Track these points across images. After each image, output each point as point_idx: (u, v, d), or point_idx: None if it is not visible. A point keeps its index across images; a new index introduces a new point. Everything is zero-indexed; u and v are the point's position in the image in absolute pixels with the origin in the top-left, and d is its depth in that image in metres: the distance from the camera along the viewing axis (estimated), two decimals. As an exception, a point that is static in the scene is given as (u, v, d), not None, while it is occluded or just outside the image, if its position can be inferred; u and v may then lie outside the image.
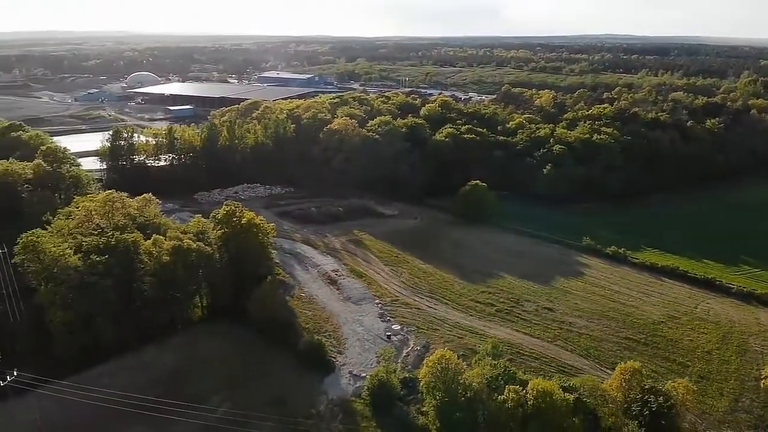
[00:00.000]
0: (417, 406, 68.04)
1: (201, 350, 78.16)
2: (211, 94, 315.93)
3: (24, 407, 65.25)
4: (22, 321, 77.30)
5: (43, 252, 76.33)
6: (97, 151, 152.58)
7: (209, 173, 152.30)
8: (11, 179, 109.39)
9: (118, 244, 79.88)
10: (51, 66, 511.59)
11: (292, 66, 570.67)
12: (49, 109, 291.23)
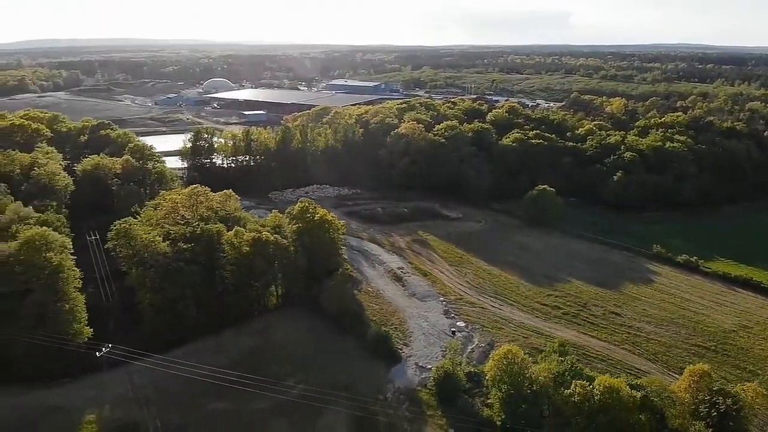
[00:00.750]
0: (481, 398, 69.93)
1: (276, 335, 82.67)
2: (282, 100, 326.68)
3: (115, 380, 71.65)
4: (113, 302, 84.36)
5: (135, 238, 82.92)
6: (177, 151, 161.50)
7: (282, 174, 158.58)
8: (102, 173, 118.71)
9: (202, 234, 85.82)
10: (131, 71, 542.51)
11: (359, 74, 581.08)
12: (131, 111, 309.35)
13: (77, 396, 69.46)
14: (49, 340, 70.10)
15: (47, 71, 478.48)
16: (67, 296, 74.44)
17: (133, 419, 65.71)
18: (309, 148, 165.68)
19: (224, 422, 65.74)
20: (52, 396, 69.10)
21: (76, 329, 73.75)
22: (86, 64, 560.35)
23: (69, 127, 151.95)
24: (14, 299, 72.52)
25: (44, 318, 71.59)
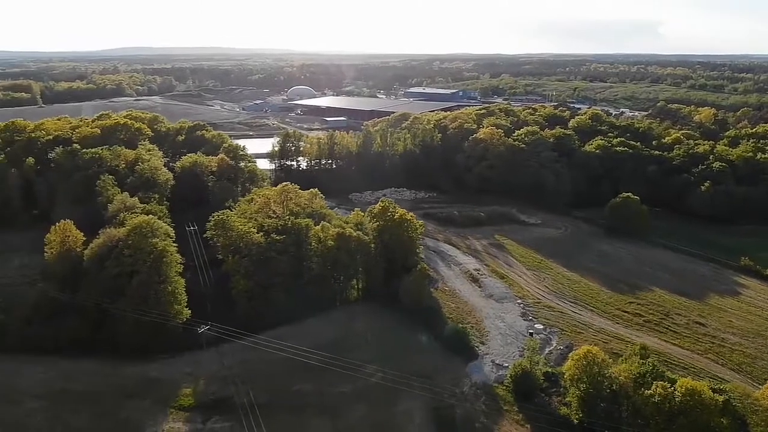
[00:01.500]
0: (558, 398, 70.36)
1: (357, 326, 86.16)
2: (361, 107, 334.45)
3: (208, 358, 77.31)
4: (210, 287, 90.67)
5: (231, 229, 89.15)
6: (264, 154, 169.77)
7: (362, 176, 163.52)
8: (199, 170, 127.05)
9: (292, 227, 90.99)
10: (220, 78, 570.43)
11: (437, 82, 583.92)
12: (220, 116, 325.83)
13: (174, 371, 75.56)
14: (152, 318, 76.80)
15: (142, 77, 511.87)
16: (170, 279, 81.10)
17: (225, 394, 70.80)
18: (388, 152, 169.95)
19: (308, 402, 69.56)
20: (152, 369, 75.54)
21: (176, 309, 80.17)
22: (178, 71, 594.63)
23: (167, 127, 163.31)
24: (122, 279, 79.92)
25: (148, 298, 78.27)
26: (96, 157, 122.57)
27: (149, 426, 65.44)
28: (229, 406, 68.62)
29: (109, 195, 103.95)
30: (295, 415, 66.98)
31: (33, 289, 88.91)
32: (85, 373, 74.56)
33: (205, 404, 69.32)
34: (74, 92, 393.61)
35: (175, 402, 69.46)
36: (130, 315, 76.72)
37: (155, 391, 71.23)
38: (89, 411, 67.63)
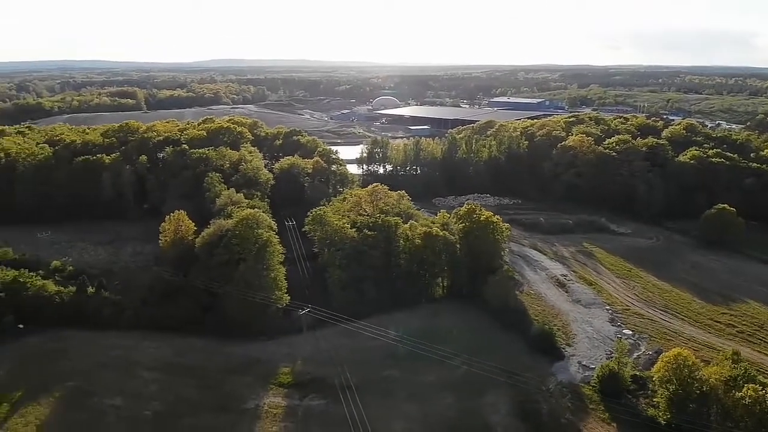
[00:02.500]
0: (646, 399, 70.18)
1: (443, 321, 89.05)
2: (445, 116, 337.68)
3: (304, 342, 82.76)
4: (307, 277, 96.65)
5: (328, 224, 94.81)
6: (351, 160, 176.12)
7: (446, 181, 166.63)
8: (296, 171, 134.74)
9: (382, 224, 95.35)
10: (309, 89, 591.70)
11: (522, 92, 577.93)
12: (310, 124, 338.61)
13: (274, 351, 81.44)
14: (255, 302, 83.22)
15: (237, 86, 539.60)
16: (272, 266, 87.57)
17: (320, 375, 75.68)
18: (472, 159, 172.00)
19: (396, 387, 73.14)
20: (253, 349, 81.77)
21: (278, 295, 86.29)
22: (270, 82, 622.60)
23: (266, 132, 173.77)
24: (230, 266, 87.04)
25: (253, 283, 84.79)
26: (203, 156, 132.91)
27: (251, 399, 71.16)
28: (324, 385, 73.37)
29: (216, 191, 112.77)
30: (385, 398, 70.55)
31: (147, 272, 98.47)
32: (193, 350, 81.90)
33: (302, 383, 74.42)
34: (175, 100, 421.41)
35: (274, 379, 75.06)
36: (236, 298, 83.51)
37: (256, 369, 77.19)
38: (197, 383, 74.28)
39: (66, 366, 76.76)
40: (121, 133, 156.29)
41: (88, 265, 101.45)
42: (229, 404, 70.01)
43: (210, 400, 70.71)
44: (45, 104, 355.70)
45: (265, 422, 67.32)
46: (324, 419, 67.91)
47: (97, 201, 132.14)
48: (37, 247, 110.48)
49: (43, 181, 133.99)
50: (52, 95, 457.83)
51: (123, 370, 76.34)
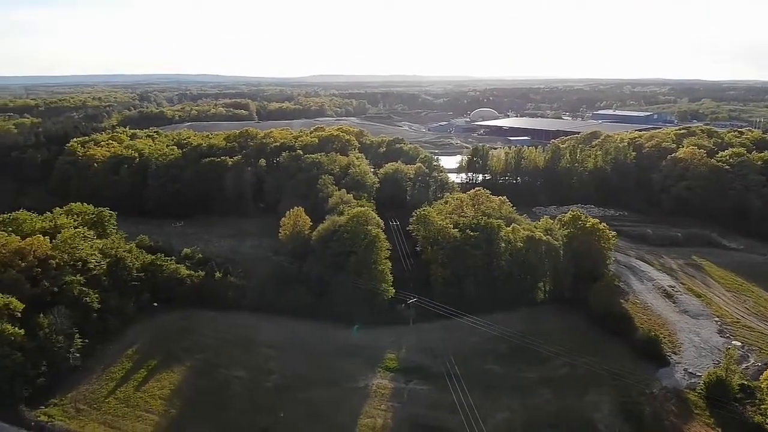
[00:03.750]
0: (753, 408, 68.54)
1: (543, 324, 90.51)
2: (546, 127, 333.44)
3: (408, 333, 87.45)
4: (411, 273, 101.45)
5: (431, 223, 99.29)
6: (450, 169, 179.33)
7: (547, 191, 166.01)
8: (399, 176, 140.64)
9: (485, 226, 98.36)
10: (407, 102, 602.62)
11: (628, 105, 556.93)
12: (408, 135, 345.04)
13: (380, 339, 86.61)
14: (364, 292, 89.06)
15: (340, 100, 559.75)
16: (379, 260, 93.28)
17: (423, 363, 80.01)
18: (576, 169, 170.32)
19: (497, 381, 75.98)
20: (363, 335, 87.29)
21: (384, 288, 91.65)
22: (371, 96, 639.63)
23: (371, 140, 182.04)
24: (342, 257, 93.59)
25: (362, 274, 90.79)
26: (316, 161, 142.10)
27: (360, 379, 76.61)
28: (428, 373, 77.72)
29: (328, 191, 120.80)
30: (487, 390, 73.37)
31: (267, 262, 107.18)
32: (307, 332, 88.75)
33: (407, 369, 79.09)
34: (283, 111, 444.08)
35: (381, 363, 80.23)
36: (346, 287, 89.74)
37: (364, 353, 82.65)
38: (311, 361, 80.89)
39: (195, 341, 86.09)
40: (242, 139, 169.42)
41: (214, 254, 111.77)
42: (340, 382, 75.82)
43: (323, 377, 76.88)
44: (167, 113, 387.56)
45: (374, 400, 72.45)
46: (428, 402, 72.04)
47: (220, 198, 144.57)
48: (168, 237, 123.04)
49: (173, 179, 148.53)
50: (171, 105, 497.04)
51: (245, 347, 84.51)
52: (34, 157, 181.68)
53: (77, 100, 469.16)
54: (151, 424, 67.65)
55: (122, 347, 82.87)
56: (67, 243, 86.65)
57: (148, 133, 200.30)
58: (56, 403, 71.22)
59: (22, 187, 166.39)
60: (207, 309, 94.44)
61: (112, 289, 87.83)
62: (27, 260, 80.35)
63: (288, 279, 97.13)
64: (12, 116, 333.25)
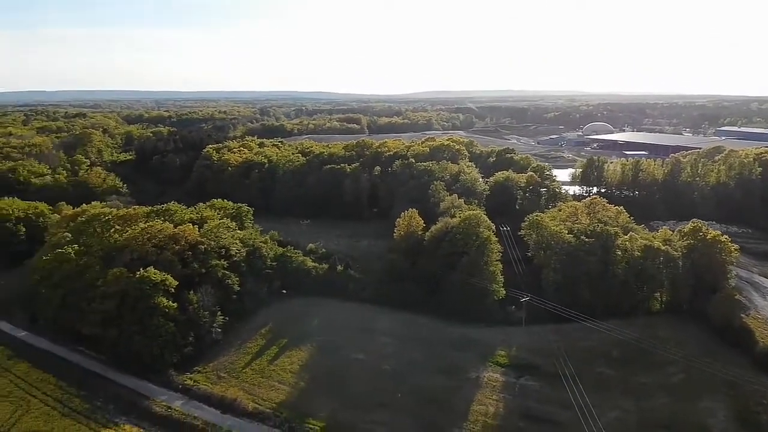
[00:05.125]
0: None
1: (660, 333, 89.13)
2: (664, 142, 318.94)
3: (517, 333, 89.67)
4: (522, 278, 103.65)
5: (544, 228, 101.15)
6: (563, 182, 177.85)
7: (665, 205, 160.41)
8: (510, 184, 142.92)
9: (601, 233, 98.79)
10: (516, 116, 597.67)
11: (754, 122, 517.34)
12: (517, 148, 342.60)
13: (491, 336, 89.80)
14: (476, 291, 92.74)
15: (447, 114, 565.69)
16: (491, 262, 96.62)
17: (534, 362, 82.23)
18: (697, 183, 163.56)
19: (610, 383, 76.76)
20: (472, 332, 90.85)
21: (495, 288, 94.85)
22: (478, 110, 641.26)
23: (480, 150, 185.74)
24: (454, 257, 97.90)
25: (474, 275, 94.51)
26: (427, 169, 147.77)
27: (473, 371, 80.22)
28: (539, 371, 79.97)
29: (440, 196, 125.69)
30: (600, 390, 74.28)
31: (382, 260, 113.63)
32: (419, 325, 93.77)
33: (518, 366, 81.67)
34: (393, 125, 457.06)
35: (492, 359, 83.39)
36: (458, 286, 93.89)
37: (475, 348, 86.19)
38: (424, 351, 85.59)
39: (319, 325, 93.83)
40: (358, 148, 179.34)
41: (334, 251, 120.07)
42: (453, 371, 79.93)
43: (437, 366, 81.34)
44: (286, 126, 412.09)
45: (486, 390, 75.88)
46: (539, 397, 74.40)
47: (338, 202, 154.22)
48: (294, 234, 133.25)
49: (298, 183, 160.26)
50: (289, 119, 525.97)
51: (364, 333, 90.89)
52: (173, 161, 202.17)
53: (205, 112, 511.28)
54: (283, 393, 75.38)
55: (256, 326, 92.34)
56: (212, 232, 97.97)
57: (274, 143, 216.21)
58: (200, 370, 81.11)
59: (163, 187, 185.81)
60: (329, 298, 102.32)
61: (249, 274, 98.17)
62: (180, 244, 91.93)
63: (402, 275, 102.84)
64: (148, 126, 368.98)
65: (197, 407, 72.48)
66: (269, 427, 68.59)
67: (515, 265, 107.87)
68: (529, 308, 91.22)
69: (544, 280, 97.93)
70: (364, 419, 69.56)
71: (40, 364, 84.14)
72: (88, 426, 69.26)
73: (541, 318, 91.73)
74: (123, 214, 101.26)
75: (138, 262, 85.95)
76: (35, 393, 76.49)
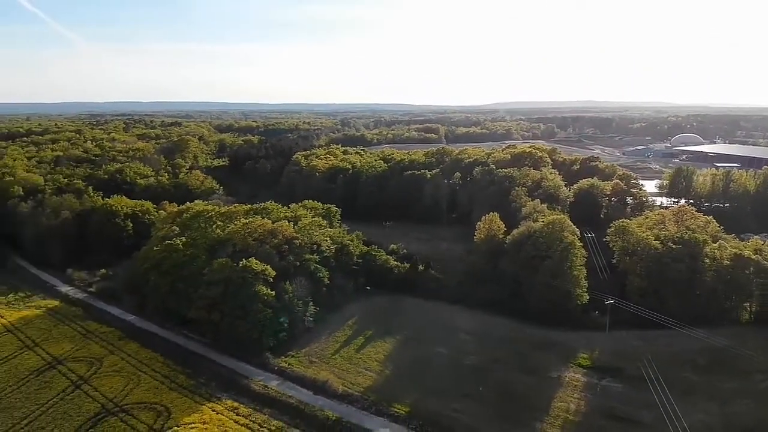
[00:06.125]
0: None
1: (748, 342, 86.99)
2: (759, 154, 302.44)
3: (603, 337, 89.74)
4: (606, 284, 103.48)
5: (630, 234, 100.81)
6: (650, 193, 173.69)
7: (758, 218, 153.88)
8: (594, 191, 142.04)
9: (688, 240, 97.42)
10: (600, 126, 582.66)
11: None
12: (601, 158, 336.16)
13: (572, 339, 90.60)
14: (558, 295, 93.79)
15: (528, 124, 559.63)
16: (574, 266, 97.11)
17: (618, 365, 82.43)
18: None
19: (695, 388, 75.95)
20: (554, 335, 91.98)
21: (578, 293, 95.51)
22: (560, 120, 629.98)
23: (563, 158, 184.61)
24: (536, 261, 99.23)
25: (556, 278, 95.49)
26: (508, 175, 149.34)
27: (554, 370, 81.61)
28: (622, 374, 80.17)
29: (522, 202, 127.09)
30: (684, 395, 73.61)
31: (462, 262, 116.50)
32: (500, 325, 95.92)
33: (600, 368, 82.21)
34: (470, 135, 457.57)
35: (574, 360, 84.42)
36: (540, 289, 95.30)
37: (557, 349, 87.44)
38: (505, 348, 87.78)
39: (402, 320, 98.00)
40: (438, 155, 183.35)
41: (415, 252, 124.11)
42: (534, 370, 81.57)
43: (517, 364, 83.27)
44: (366, 136, 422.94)
45: (567, 389, 77.12)
46: (622, 398, 74.78)
47: (418, 206, 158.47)
48: (376, 235, 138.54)
49: (380, 188, 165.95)
50: (369, 130, 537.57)
51: (446, 330, 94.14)
52: (264, 166, 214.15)
53: (290, 123, 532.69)
54: (370, 379, 79.82)
55: (344, 318, 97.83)
56: (305, 229, 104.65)
57: (357, 151, 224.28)
58: (293, 355, 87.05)
59: (254, 190, 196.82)
60: (411, 296, 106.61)
61: (338, 269, 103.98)
62: (277, 239, 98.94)
63: (482, 277, 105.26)
64: (238, 135, 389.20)
65: (291, 387, 78.08)
66: (357, 408, 73.02)
67: (600, 272, 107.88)
68: (613, 314, 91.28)
69: (628, 286, 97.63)
70: (447, 407, 72.60)
71: (147, 344, 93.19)
72: (193, 399, 76.23)
73: (624, 324, 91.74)
74: (225, 211, 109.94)
75: (239, 254, 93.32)
76: (144, 369, 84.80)
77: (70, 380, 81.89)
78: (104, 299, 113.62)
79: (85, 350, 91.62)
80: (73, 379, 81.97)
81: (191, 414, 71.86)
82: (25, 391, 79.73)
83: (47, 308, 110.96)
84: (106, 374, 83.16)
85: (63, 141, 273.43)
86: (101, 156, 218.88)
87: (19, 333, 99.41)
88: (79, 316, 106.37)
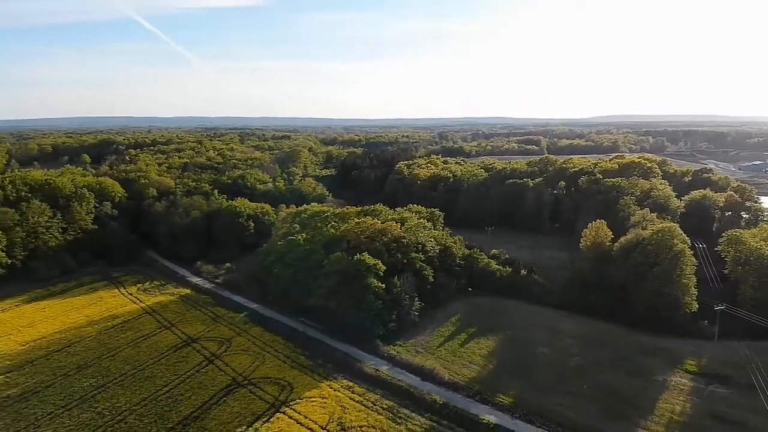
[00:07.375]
0: None
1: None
2: None
3: (712, 346, 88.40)
4: (717, 295, 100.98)
5: (743, 244, 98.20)
6: None
7: None
8: (707, 203, 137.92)
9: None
10: (714, 141, 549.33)
11: None
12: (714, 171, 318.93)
13: (680, 346, 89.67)
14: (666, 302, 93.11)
15: (635, 137, 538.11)
16: (684, 274, 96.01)
17: (726, 372, 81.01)
18: None
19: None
20: (661, 341, 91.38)
21: (687, 301, 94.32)
22: (671, 133, 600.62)
23: (674, 169, 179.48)
24: (644, 268, 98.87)
25: (665, 286, 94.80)
26: (615, 184, 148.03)
27: (660, 374, 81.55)
28: (730, 381, 78.78)
29: (630, 210, 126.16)
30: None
31: (565, 269, 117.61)
32: (605, 331, 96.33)
33: (708, 374, 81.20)
34: (574, 147, 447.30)
35: (681, 366, 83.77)
36: (648, 296, 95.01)
37: (664, 355, 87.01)
38: (609, 353, 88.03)
39: (504, 320, 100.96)
40: (542, 164, 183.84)
41: (516, 258, 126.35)
42: (639, 373, 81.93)
43: (623, 367, 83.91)
44: (465, 148, 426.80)
45: (673, 392, 77.10)
46: (729, 403, 73.90)
47: (520, 215, 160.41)
48: (477, 241, 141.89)
49: (480, 196, 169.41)
50: (467, 142, 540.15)
51: (549, 332, 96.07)
52: (369, 175, 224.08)
53: (390, 136, 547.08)
54: (474, 371, 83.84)
55: (447, 315, 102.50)
56: (411, 229, 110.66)
57: (457, 161, 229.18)
58: (400, 344, 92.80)
59: (359, 197, 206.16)
60: (512, 299, 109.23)
61: (441, 269, 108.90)
62: (387, 237, 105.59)
63: (588, 284, 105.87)
64: (343, 147, 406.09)
65: (400, 373, 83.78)
66: (462, 396, 77.29)
67: (710, 282, 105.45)
68: (723, 324, 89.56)
69: (740, 296, 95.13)
70: (551, 401, 75.14)
71: (270, 328, 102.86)
72: (312, 377, 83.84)
73: (734, 333, 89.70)
74: (338, 212, 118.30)
75: (353, 250, 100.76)
76: (268, 350, 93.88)
77: (203, 356, 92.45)
78: (229, 289, 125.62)
79: (216, 332, 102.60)
80: (207, 356, 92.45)
81: (311, 389, 79.40)
82: (165, 363, 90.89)
83: (180, 295, 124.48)
84: (235, 352, 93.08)
85: (188, 150, 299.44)
86: (223, 163, 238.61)
87: (156, 315, 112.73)
88: (209, 302, 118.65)
